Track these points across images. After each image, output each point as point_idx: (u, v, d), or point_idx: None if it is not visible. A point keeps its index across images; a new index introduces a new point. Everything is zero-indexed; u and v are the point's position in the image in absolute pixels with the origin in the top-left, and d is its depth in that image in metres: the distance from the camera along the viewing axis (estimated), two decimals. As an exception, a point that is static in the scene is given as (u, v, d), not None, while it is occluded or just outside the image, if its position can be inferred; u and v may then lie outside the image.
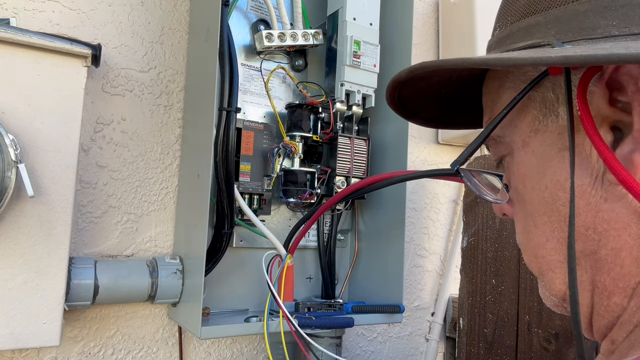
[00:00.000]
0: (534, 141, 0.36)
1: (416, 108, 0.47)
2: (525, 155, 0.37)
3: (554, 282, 0.37)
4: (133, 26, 0.86)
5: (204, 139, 0.79)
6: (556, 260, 0.36)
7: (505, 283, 1.03)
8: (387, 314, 0.92)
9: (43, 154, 0.67)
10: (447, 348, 1.25)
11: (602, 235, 0.32)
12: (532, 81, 0.35)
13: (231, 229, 0.81)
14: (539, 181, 0.36)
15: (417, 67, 0.36)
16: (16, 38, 0.65)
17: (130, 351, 0.85)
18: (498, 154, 0.41)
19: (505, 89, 0.38)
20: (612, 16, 0.30)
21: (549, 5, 0.34)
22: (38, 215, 0.67)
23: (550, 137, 0.35)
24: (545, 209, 0.36)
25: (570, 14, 0.32)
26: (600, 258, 0.33)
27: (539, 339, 0.97)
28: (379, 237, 0.98)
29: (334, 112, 0.91)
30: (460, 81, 0.43)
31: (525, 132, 0.37)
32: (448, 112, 0.49)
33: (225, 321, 0.80)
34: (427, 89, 0.44)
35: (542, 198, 0.36)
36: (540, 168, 0.35)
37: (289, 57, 0.97)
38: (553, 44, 0.32)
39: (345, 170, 0.91)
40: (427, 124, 0.51)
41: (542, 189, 0.36)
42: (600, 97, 0.31)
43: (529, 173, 0.37)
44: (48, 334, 0.67)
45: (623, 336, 0.33)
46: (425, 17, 1.26)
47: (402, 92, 0.44)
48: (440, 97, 0.45)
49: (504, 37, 0.38)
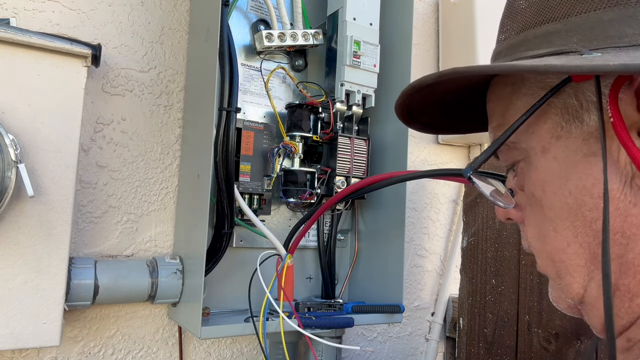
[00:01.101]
0: (555, 147, 0.36)
1: (417, 113, 0.48)
2: (545, 161, 0.37)
3: (572, 286, 0.37)
4: (133, 26, 0.86)
5: (204, 139, 0.79)
6: (577, 264, 0.36)
7: (505, 283, 1.03)
8: (387, 314, 0.92)
9: (43, 154, 0.67)
10: (447, 348, 1.25)
11: (630, 240, 0.33)
12: (554, 88, 0.35)
13: (231, 229, 0.81)
14: (562, 186, 0.36)
15: (450, 72, 0.36)
16: (16, 38, 0.65)
17: (130, 351, 0.85)
18: (510, 160, 0.41)
19: (521, 95, 0.38)
20: (638, 25, 0.31)
21: (567, 13, 0.34)
22: (38, 215, 0.67)
23: (574, 143, 0.35)
24: (568, 214, 0.36)
25: (593, 22, 0.33)
26: (627, 261, 0.33)
27: (539, 339, 0.97)
28: (379, 237, 0.98)
29: (334, 112, 0.91)
30: (466, 87, 0.43)
31: (545, 138, 0.37)
32: (447, 118, 0.49)
33: (225, 321, 0.80)
34: (434, 95, 0.44)
35: (565, 203, 0.36)
36: (564, 173, 0.36)
37: (289, 57, 0.97)
38: (581, 51, 0.33)
39: (345, 170, 0.91)
40: (424, 129, 0.51)
41: (565, 195, 0.36)
42: (629, 104, 0.32)
43: (550, 178, 0.37)
44: (48, 334, 0.67)
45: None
46: (425, 17, 1.26)
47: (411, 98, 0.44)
48: (442, 102, 0.46)
49: (517, 44, 0.38)
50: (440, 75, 0.37)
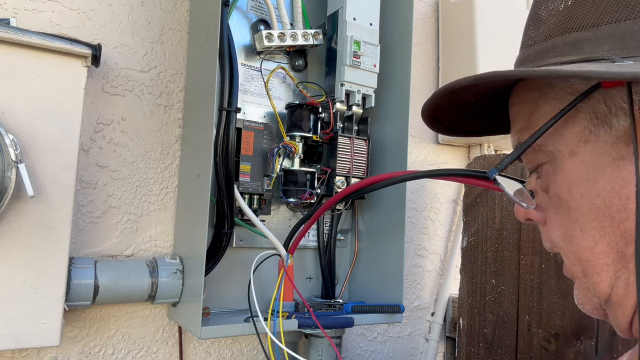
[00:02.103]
0: (583, 150, 0.38)
1: (442, 116, 0.49)
2: (572, 163, 0.38)
3: (599, 285, 0.39)
4: (133, 26, 0.86)
5: (204, 139, 0.79)
6: (604, 263, 0.38)
7: (505, 283, 1.03)
8: (387, 314, 0.92)
9: (43, 154, 0.67)
10: (447, 348, 1.25)
11: None
12: (583, 93, 0.36)
13: (231, 229, 0.81)
14: (590, 188, 0.37)
15: (490, 75, 0.37)
16: (16, 38, 0.65)
17: (130, 351, 0.85)
18: (535, 162, 0.43)
19: (548, 99, 0.40)
20: None
21: (597, 22, 0.36)
22: (38, 215, 0.67)
23: (602, 147, 0.37)
24: (595, 214, 0.37)
25: (623, 31, 0.34)
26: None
27: (539, 339, 0.97)
28: (379, 237, 0.98)
29: (334, 112, 0.91)
30: (488, 90, 0.44)
31: (573, 141, 0.38)
32: (466, 120, 0.51)
33: (225, 321, 0.80)
34: (461, 97, 0.45)
35: (593, 204, 0.37)
36: (592, 176, 0.37)
37: (289, 57, 0.97)
38: (614, 59, 0.34)
39: (345, 170, 0.91)
40: (446, 131, 0.52)
41: (593, 196, 0.37)
42: None
43: (577, 181, 0.38)
44: (48, 334, 0.67)
45: None
46: (425, 17, 1.26)
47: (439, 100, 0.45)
48: (466, 106, 0.47)
49: (545, 50, 0.40)
50: (478, 78, 0.38)
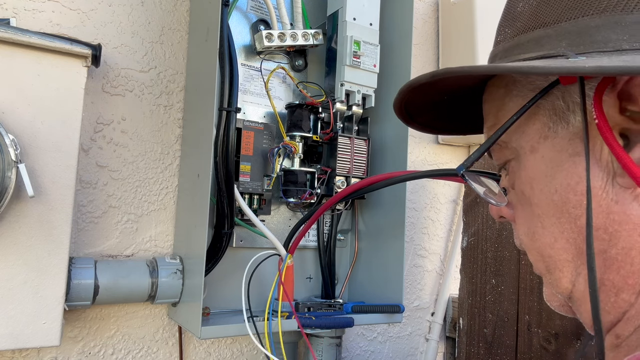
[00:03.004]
0: (543, 147, 0.38)
1: (417, 113, 0.49)
2: (533, 160, 0.39)
3: (561, 281, 0.39)
4: (133, 26, 0.86)
5: (204, 139, 0.79)
6: (564, 259, 0.38)
7: (505, 283, 1.03)
8: (387, 314, 0.92)
9: (43, 154, 0.67)
10: (447, 348, 1.25)
11: (612, 236, 0.34)
12: (543, 90, 0.36)
13: (231, 229, 0.81)
14: (548, 184, 0.37)
15: (442, 71, 0.38)
16: (16, 38, 0.65)
17: (130, 351, 0.85)
18: (502, 159, 0.43)
19: (512, 96, 0.40)
20: (622, 32, 0.32)
21: (558, 19, 0.36)
22: (38, 215, 0.67)
23: (560, 143, 0.36)
24: (554, 210, 0.37)
25: (581, 27, 0.34)
26: (610, 257, 0.35)
27: (539, 339, 0.97)
28: (379, 237, 0.98)
29: (334, 112, 0.91)
30: (462, 88, 0.44)
31: (534, 138, 0.38)
32: (446, 119, 0.51)
33: (225, 321, 0.80)
34: (432, 95, 0.45)
35: (552, 200, 0.37)
36: (550, 172, 0.37)
37: (289, 57, 0.97)
38: (568, 55, 0.34)
39: (345, 170, 0.91)
40: (424, 128, 0.52)
41: (551, 192, 0.37)
42: (612, 106, 0.33)
43: (538, 177, 0.38)
44: (48, 334, 0.67)
45: (630, 330, 0.35)
46: (425, 17, 1.26)
47: (410, 97, 0.45)
48: (441, 103, 0.47)
49: (511, 47, 0.40)
50: (433, 75, 0.38)
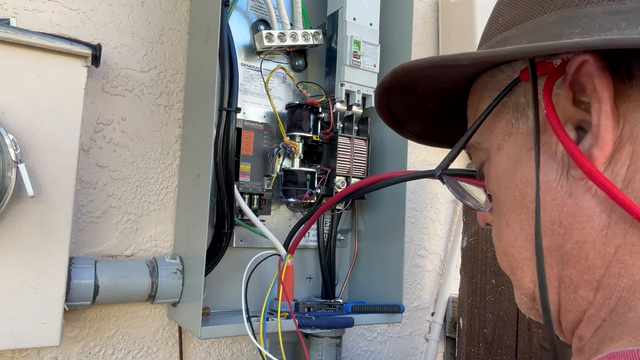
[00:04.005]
0: (507, 144, 0.38)
1: (405, 120, 0.49)
2: (500, 157, 0.39)
3: (523, 281, 0.38)
4: (133, 26, 0.86)
5: (204, 139, 0.79)
6: (524, 257, 0.37)
7: (505, 283, 1.03)
8: (387, 314, 0.92)
9: (43, 154, 0.67)
10: (447, 348, 1.25)
11: (567, 229, 0.34)
12: (506, 88, 0.37)
13: (231, 229, 0.81)
14: (511, 180, 0.37)
15: (398, 68, 0.38)
16: (16, 38, 0.65)
17: (130, 351, 0.85)
18: (479, 161, 0.43)
19: (484, 97, 0.40)
20: (575, 25, 0.32)
21: (523, 19, 0.36)
22: (38, 215, 0.67)
23: (521, 139, 0.37)
24: (515, 207, 0.37)
25: (540, 25, 0.35)
26: (566, 252, 0.34)
27: (539, 339, 0.97)
28: (379, 237, 0.98)
29: (334, 112, 0.91)
30: (445, 94, 0.44)
31: (500, 136, 0.39)
32: (436, 128, 0.51)
33: (225, 321, 0.80)
34: (414, 100, 0.45)
35: (513, 197, 0.37)
36: (512, 168, 0.37)
37: (289, 57, 0.97)
38: None
39: (345, 170, 0.91)
40: (415, 138, 0.52)
41: (513, 188, 0.37)
42: (565, 98, 0.33)
43: (503, 174, 0.38)
44: (48, 334, 0.67)
45: (591, 332, 0.34)
46: (425, 17, 1.26)
47: (391, 102, 0.45)
48: (428, 111, 0.47)
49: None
50: (392, 73, 0.39)
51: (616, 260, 0.32)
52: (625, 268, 0.31)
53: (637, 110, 0.31)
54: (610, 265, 0.32)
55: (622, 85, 0.32)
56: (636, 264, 0.31)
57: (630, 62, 0.31)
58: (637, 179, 0.31)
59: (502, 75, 0.38)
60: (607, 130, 0.31)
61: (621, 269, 0.32)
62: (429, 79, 0.41)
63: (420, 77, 0.40)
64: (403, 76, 0.39)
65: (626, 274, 0.31)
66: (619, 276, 0.32)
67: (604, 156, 0.31)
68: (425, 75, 0.39)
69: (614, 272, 0.32)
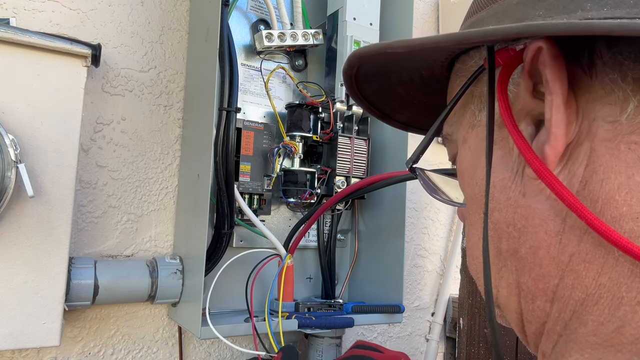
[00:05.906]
0: (470, 137, 0.35)
1: (393, 110, 0.47)
2: (464, 151, 0.36)
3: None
4: (133, 26, 0.86)
5: (204, 139, 0.79)
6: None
7: (505, 283, 1.03)
8: (387, 314, 0.92)
9: (43, 154, 0.67)
10: (447, 348, 1.25)
11: (521, 233, 0.31)
12: (471, 77, 0.34)
13: (231, 229, 0.81)
14: (472, 177, 0.35)
15: (350, 56, 0.36)
16: (16, 38, 0.65)
17: (130, 351, 0.85)
18: (451, 153, 0.40)
19: (455, 86, 0.37)
20: (539, 7, 0.29)
21: (491, 2, 0.34)
22: (38, 215, 0.66)
23: (482, 132, 0.34)
24: (476, 205, 0.34)
25: (505, 6, 0.32)
26: (521, 257, 0.31)
27: (539, 339, 0.97)
28: (379, 237, 0.98)
29: (334, 112, 0.91)
30: (425, 81, 0.41)
31: (465, 128, 0.36)
32: (426, 116, 0.48)
33: (225, 321, 0.80)
34: (390, 88, 0.42)
35: (474, 194, 0.34)
36: (473, 163, 0.34)
37: (289, 57, 0.97)
38: None
39: (345, 170, 0.91)
40: (403, 127, 0.49)
41: (473, 185, 0.34)
42: (525, 89, 0.30)
43: (466, 169, 0.36)
44: (48, 334, 0.67)
45: (550, 347, 0.31)
46: (425, 17, 1.26)
47: (366, 91, 0.43)
48: (414, 100, 0.44)
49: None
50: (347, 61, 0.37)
51: (570, 270, 0.29)
52: (579, 279, 0.28)
53: (597, 104, 0.28)
54: (564, 274, 0.29)
55: (582, 74, 0.28)
56: (589, 275, 0.28)
57: (592, 49, 0.28)
58: (595, 180, 0.27)
59: (471, 62, 0.35)
60: (558, 125, 0.28)
61: (574, 280, 0.28)
62: (395, 66, 0.38)
63: (384, 66, 0.37)
64: (363, 65, 0.37)
65: (579, 285, 0.28)
66: (572, 287, 0.29)
67: (555, 154, 0.28)
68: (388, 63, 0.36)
69: (567, 282, 0.29)
